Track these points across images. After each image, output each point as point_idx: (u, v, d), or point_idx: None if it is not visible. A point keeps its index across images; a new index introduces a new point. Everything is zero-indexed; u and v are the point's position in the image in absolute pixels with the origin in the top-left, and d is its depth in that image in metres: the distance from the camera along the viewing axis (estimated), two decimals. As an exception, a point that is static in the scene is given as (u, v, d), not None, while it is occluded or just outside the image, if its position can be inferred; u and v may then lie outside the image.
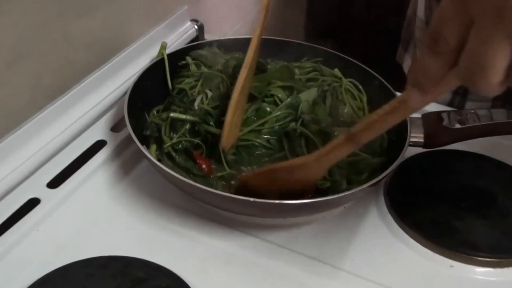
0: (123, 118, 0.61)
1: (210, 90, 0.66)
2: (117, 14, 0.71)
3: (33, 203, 0.57)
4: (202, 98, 0.65)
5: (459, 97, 0.80)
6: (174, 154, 0.62)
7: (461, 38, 0.35)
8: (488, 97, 0.78)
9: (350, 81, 0.71)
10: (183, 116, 0.63)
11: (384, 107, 0.44)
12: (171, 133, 0.64)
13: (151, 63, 0.71)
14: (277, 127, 0.63)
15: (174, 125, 0.64)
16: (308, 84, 0.70)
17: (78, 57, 0.67)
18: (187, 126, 0.63)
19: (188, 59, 0.72)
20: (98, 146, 0.65)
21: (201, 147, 0.63)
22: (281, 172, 0.56)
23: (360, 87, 0.71)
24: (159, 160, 0.59)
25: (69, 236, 0.56)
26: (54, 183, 0.60)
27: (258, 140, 0.62)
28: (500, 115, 0.60)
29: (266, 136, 0.63)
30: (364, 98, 0.70)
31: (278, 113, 0.64)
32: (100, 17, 0.68)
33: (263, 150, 0.62)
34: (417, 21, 0.88)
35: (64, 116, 0.65)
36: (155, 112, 0.68)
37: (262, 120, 0.63)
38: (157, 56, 0.73)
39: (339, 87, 0.70)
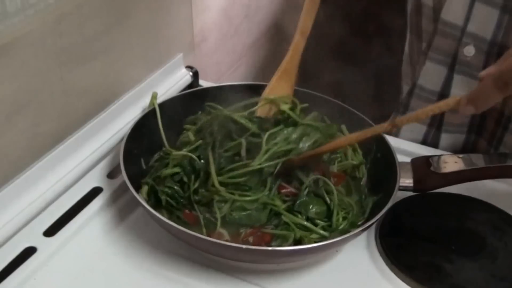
0: (120, 164, 0.62)
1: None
2: (114, 63, 0.72)
3: (29, 251, 0.58)
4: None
5: (434, 129, 0.82)
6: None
7: None
8: (462, 130, 0.80)
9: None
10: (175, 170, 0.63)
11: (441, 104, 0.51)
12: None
13: (147, 110, 0.72)
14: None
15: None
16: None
17: (76, 106, 0.68)
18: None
19: (188, 129, 0.71)
20: (94, 193, 0.66)
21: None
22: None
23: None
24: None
25: (65, 285, 0.56)
26: (51, 231, 0.60)
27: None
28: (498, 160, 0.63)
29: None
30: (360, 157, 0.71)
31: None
32: (98, 67, 0.70)
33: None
34: (403, 56, 0.91)
35: (61, 164, 0.66)
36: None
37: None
38: (149, 106, 0.73)
39: None
